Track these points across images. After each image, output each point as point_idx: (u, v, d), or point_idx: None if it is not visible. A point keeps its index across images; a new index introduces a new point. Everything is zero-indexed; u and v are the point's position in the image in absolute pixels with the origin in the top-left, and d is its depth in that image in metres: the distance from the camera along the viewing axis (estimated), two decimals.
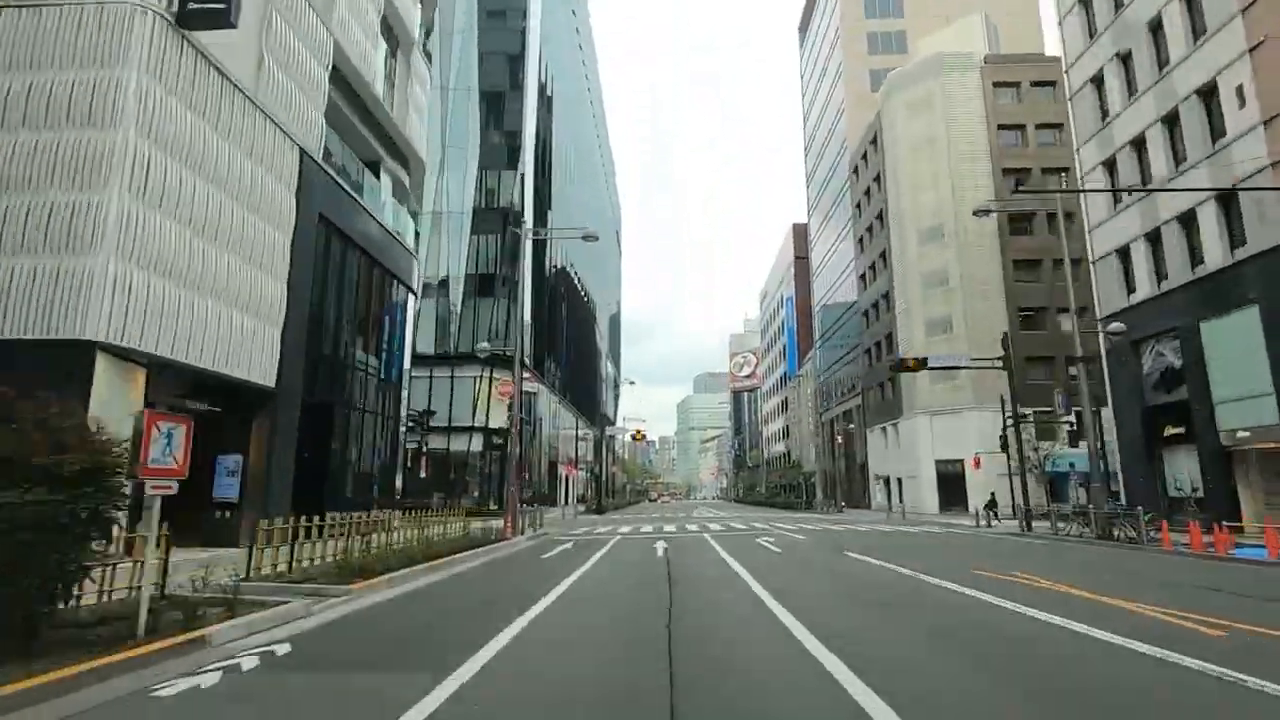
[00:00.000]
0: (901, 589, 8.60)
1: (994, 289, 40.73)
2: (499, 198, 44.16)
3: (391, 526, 12.74)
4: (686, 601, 7.69)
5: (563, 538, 19.70)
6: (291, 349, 16.10)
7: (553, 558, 13.43)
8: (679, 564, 11.75)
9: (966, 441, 39.34)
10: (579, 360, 67.29)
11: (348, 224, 19.48)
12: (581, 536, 20.23)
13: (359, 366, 20.85)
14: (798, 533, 20.69)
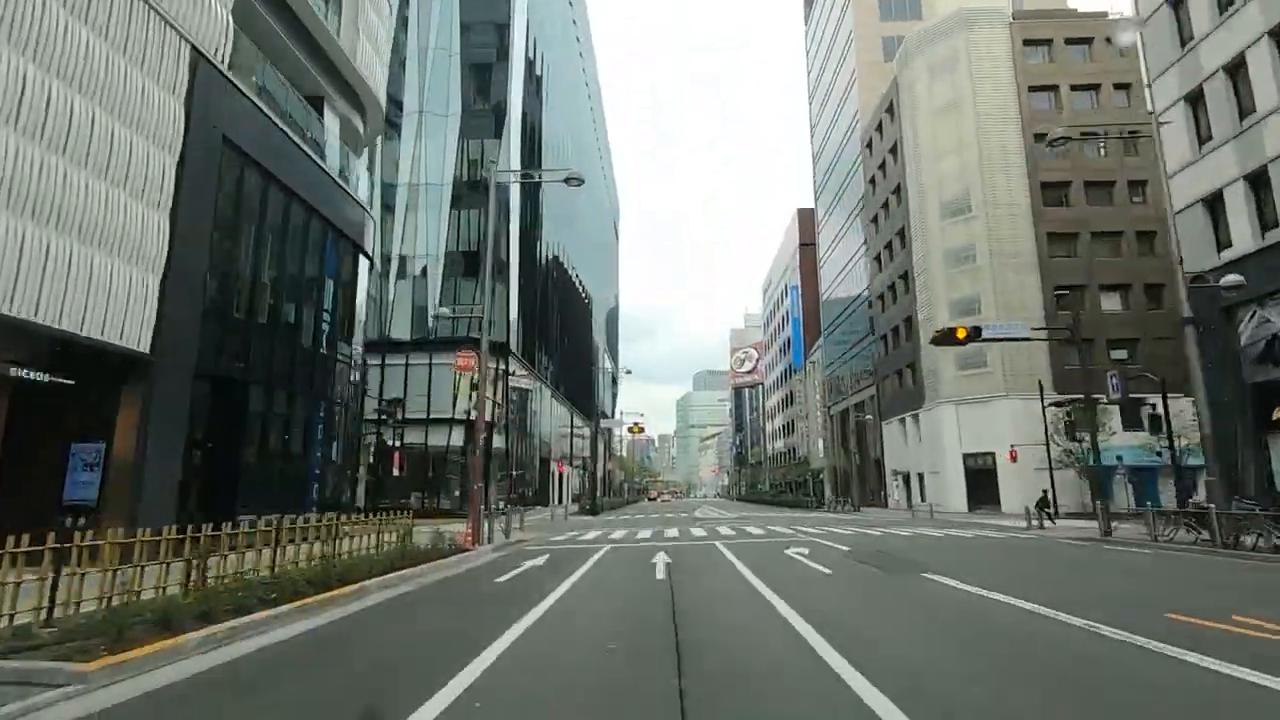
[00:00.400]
0: (1103, 667, 4.82)
1: (1027, 265, 37.00)
2: (482, 169, 40.33)
3: (283, 540, 8.99)
4: (718, 705, 3.96)
5: (539, 547, 15.96)
6: (179, 305, 12.34)
7: (507, 584, 9.66)
8: (689, 597, 7.98)
9: (997, 433, 35.67)
10: (574, 353, 63.53)
11: (274, 160, 15.70)
12: (563, 545, 16.49)
13: (291, 338, 17.07)
14: (826, 538, 16.95)
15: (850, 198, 56.48)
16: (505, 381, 39.46)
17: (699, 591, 8.36)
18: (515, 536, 19.13)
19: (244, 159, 14.62)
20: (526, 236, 46.23)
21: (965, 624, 6.30)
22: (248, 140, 14.60)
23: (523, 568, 11.49)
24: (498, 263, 39.74)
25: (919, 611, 6.75)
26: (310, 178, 17.61)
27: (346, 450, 21.66)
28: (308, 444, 17.77)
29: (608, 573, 10.71)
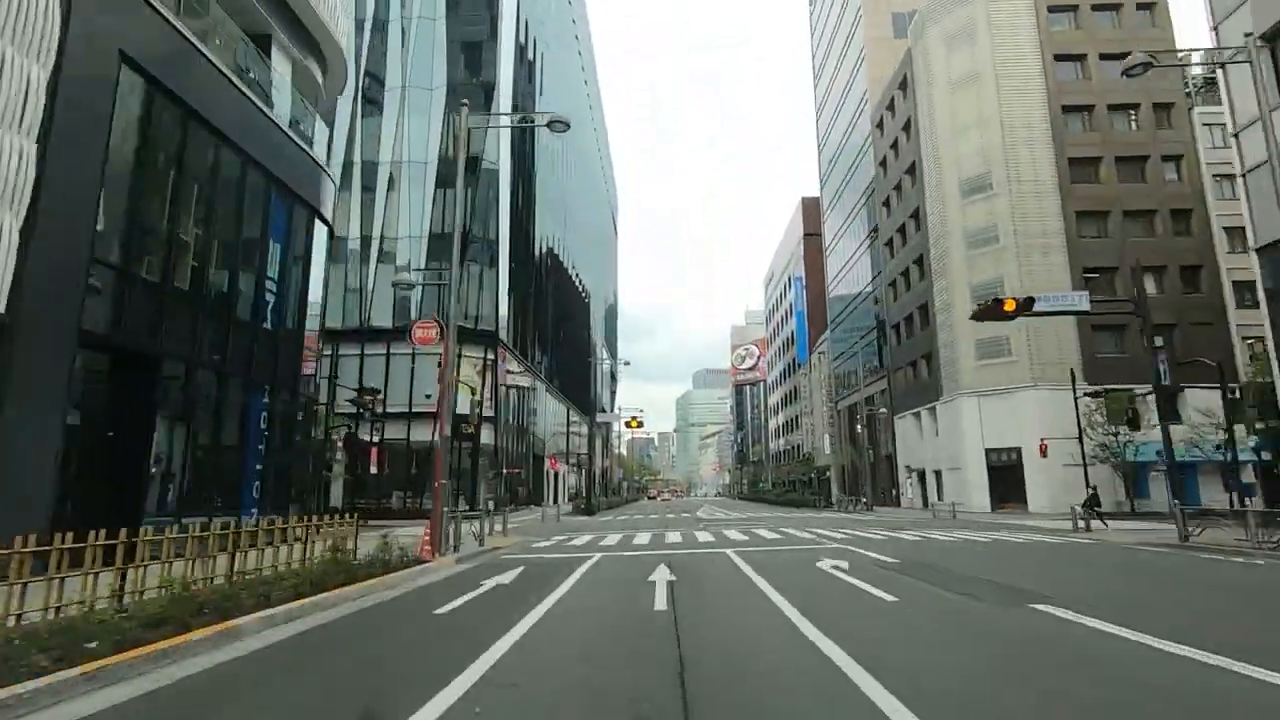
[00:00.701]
0: None
1: (1054, 245, 34.42)
2: (468, 145, 37.67)
3: (142, 557, 6.43)
4: None
5: (516, 556, 13.40)
6: (53, 256, 9.76)
7: (449, 617, 7.00)
8: (705, 645, 5.37)
9: (1023, 426, 33.11)
10: (570, 348, 60.95)
11: (199, 95, 13.11)
12: (546, 553, 13.93)
13: (223, 311, 14.48)
14: (857, 544, 14.41)
15: (859, 182, 53.91)
16: (495, 372, 36.93)
17: (718, 635, 5.79)
18: (494, 542, 16.58)
19: (154, 87, 12.02)
20: (519, 221, 43.65)
21: (1174, 705, 3.74)
22: (159, 65, 12.01)
23: (483, 588, 8.92)
24: (486, 246, 37.24)
25: (1111, 692, 4.10)
26: (251, 124, 15.02)
27: (304, 445, 19.08)
28: (246, 435, 15.18)
29: (590, 597, 8.14)
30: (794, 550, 13.15)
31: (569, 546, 15.54)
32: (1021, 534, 18.50)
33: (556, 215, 58.65)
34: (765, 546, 13.92)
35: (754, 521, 26.28)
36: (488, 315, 36.93)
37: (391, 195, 36.82)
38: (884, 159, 47.45)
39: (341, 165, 37.28)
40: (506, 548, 15.59)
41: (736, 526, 21.54)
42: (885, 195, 47.12)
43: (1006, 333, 34.24)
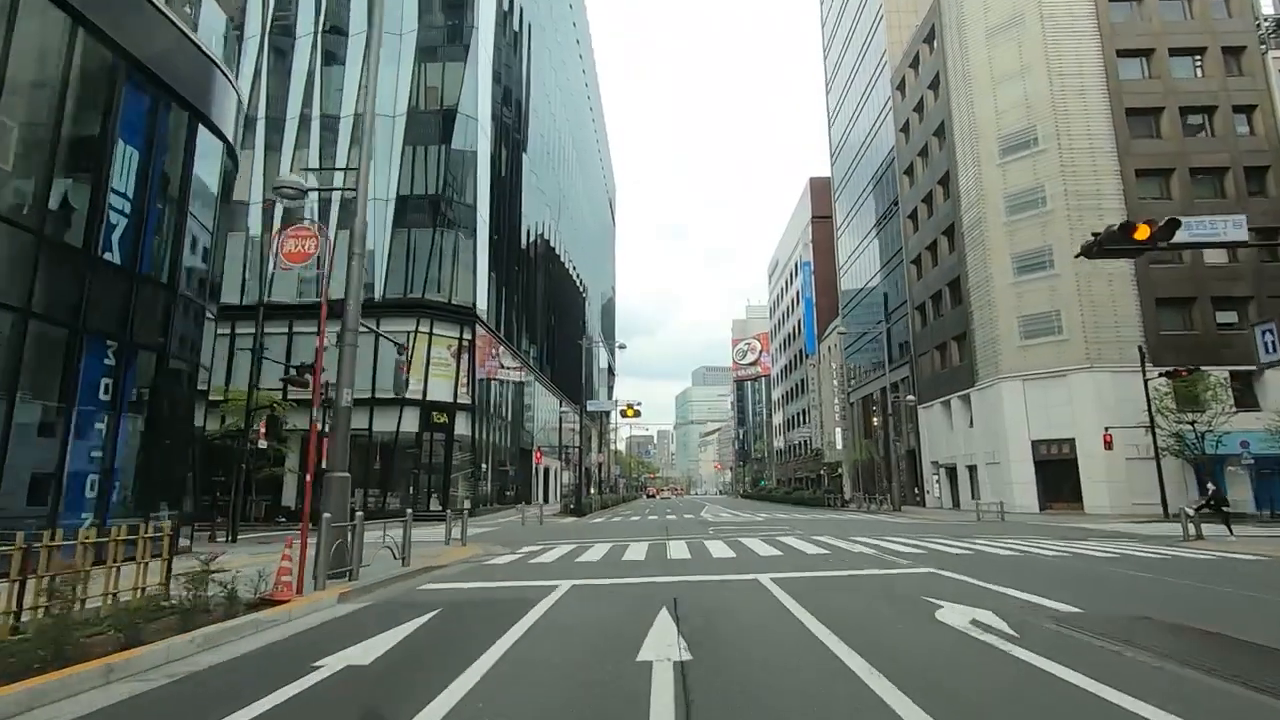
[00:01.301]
0: None
1: (1111, 209, 29.99)
2: (442, 97, 33.33)
3: None
4: None
5: (437, 590, 8.96)
6: None
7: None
8: None
9: (1078, 414, 28.82)
10: (564, 340, 56.47)
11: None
12: (489, 582, 9.46)
13: (33, 231, 10.06)
14: (944, 564, 10.04)
15: (875, 155, 49.53)
16: (472, 355, 32.57)
17: None
18: (438, 556, 12.22)
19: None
20: (502, 189, 39.25)
21: None
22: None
23: (299, 684, 4.48)
24: (462, 211, 32.83)
25: None
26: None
27: (184, 429, 14.71)
28: (75, 413, 10.77)
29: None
30: (863, 578, 8.75)
31: (533, 566, 11.17)
32: (1116, 543, 14.13)
33: (551, 200, 54.32)
34: (814, 570, 9.51)
35: (773, 525, 21.87)
36: (464, 290, 32.54)
37: (354, 152, 32.37)
38: (905, 123, 43.05)
39: (298, 120, 32.92)
40: (445, 567, 11.23)
41: (757, 534, 17.11)
42: (907, 163, 42.73)
43: (1056, 307, 29.93)
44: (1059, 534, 17.30)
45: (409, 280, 31.28)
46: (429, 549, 14.77)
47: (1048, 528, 20.24)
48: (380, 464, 30.27)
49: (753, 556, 11.53)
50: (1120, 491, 27.56)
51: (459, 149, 32.80)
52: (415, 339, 30.47)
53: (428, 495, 30.63)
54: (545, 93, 52.16)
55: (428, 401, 30.32)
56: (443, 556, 12.66)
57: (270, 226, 31.72)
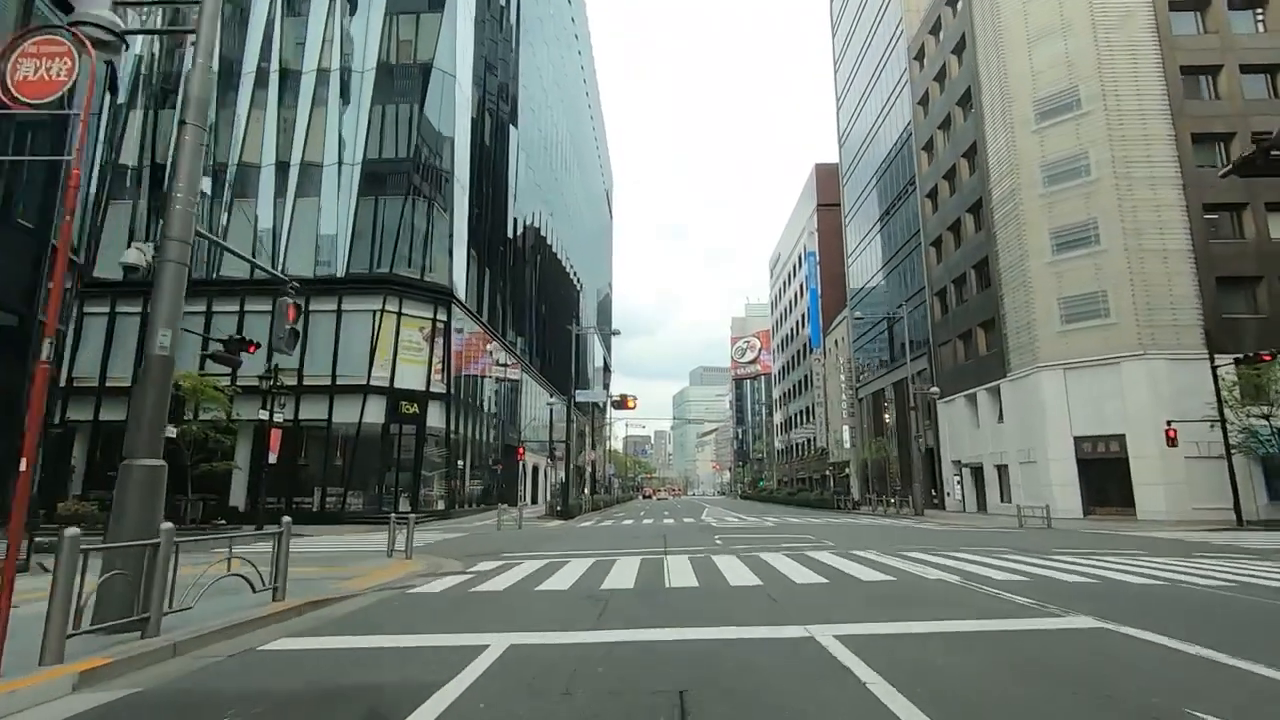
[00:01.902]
0: None
1: (1164, 178, 26.80)
2: (416, 50, 29.92)
3: None
4: None
5: (286, 648, 5.51)
6: None
7: None
8: None
9: (1130, 407, 25.55)
10: (556, 331, 52.98)
11: None
12: (365, 646, 5.93)
13: None
14: (1135, 619, 6.68)
15: (887, 135, 46.25)
16: (448, 338, 29.18)
17: None
18: (330, 588, 8.83)
19: None
20: (484, 155, 35.86)
21: None
22: None
23: None
24: (436, 176, 29.43)
25: None
26: None
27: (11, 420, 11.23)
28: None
29: None
30: (994, 640, 5.31)
31: (471, 600, 7.80)
32: (1239, 561, 10.74)
33: (544, 186, 50.95)
34: (898, 619, 5.97)
35: (790, 533, 18.47)
36: (439, 267, 29.15)
37: (317, 113, 28.96)
38: (924, 95, 39.77)
39: (254, 74, 29.47)
40: (345, 600, 7.84)
41: (778, 546, 13.67)
42: (926, 138, 39.45)
43: (1103, 287, 26.66)
44: (1142, 547, 13.97)
45: (376, 254, 27.87)
46: (356, 565, 11.42)
47: (1118, 538, 16.92)
48: (342, 459, 26.85)
49: (787, 586, 8.16)
50: (1179, 495, 24.29)
51: (435, 109, 29.39)
52: (382, 319, 27.11)
53: (396, 495, 27.22)
54: (538, 69, 48.78)
55: (396, 389, 26.93)
56: (357, 580, 9.28)
57: (223, 195, 28.32)
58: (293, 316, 7.81)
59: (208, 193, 28.10)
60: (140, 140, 29.17)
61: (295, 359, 26.45)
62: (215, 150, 28.75)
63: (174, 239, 6.24)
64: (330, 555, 13.37)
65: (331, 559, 12.52)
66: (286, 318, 7.70)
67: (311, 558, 12.85)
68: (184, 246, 6.30)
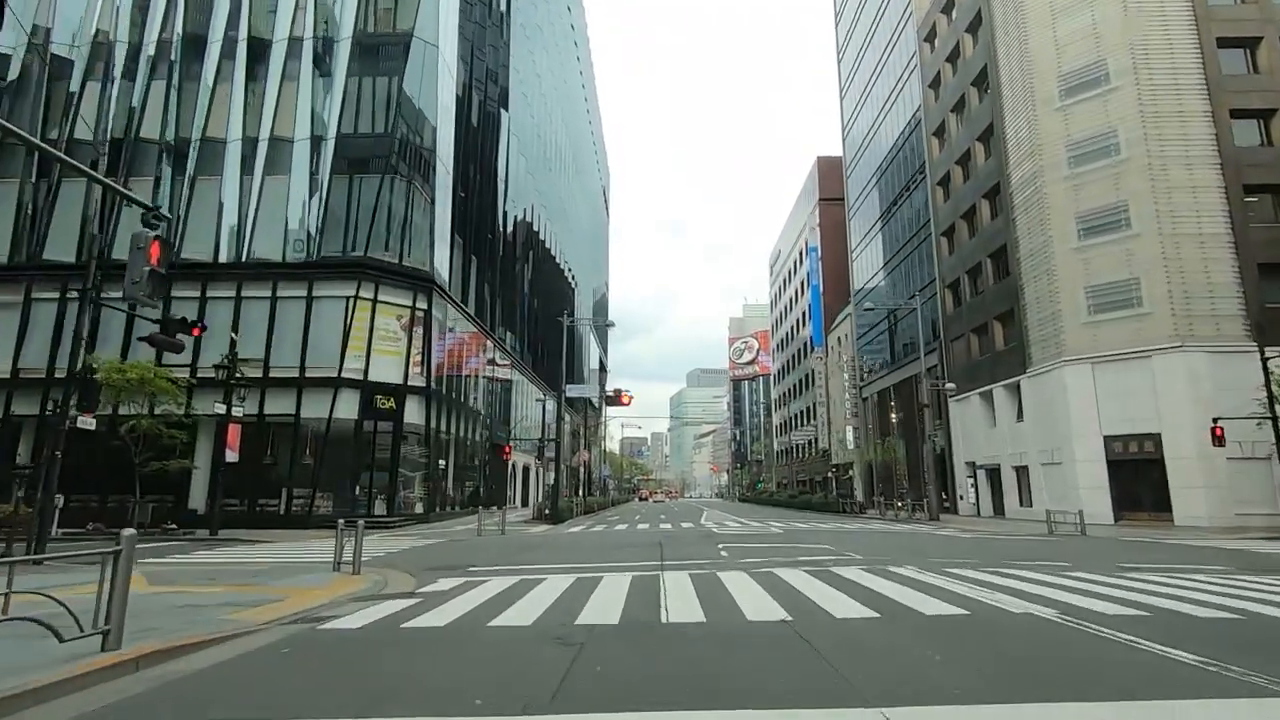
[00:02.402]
0: None
1: (1201, 158, 24.88)
2: (396, 18, 27.88)
3: None
4: None
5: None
6: None
7: None
8: None
9: (1166, 404, 23.61)
10: (549, 327, 50.94)
11: None
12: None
13: None
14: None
15: (897, 121, 44.33)
16: (428, 327, 27.13)
17: None
18: (192, 630, 6.75)
19: None
20: (471, 140, 33.84)
21: None
22: None
23: None
24: (416, 155, 27.39)
25: None
26: None
27: None
28: None
29: None
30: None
31: (394, 641, 5.74)
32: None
33: (538, 176, 48.93)
34: (1060, 705, 4.01)
35: (802, 541, 16.43)
36: (419, 251, 27.09)
37: (287, 86, 26.87)
38: (936, 77, 37.86)
39: (221, 44, 27.38)
40: (224, 641, 5.74)
41: (796, 562, 11.56)
42: (937, 123, 37.54)
43: (1134, 274, 24.72)
44: (1214, 560, 11.95)
45: (351, 236, 25.80)
46: (287, 582, 9.37)
47: (1176, 549, 14.91)
48: (311, 458, 24.73)
49: (826, 623, 6.10)
50: (1222, 499, 22.33)
51: (415, 82, 27.34)
52: (355, 306, 25.02)
53: (370, 497, 25.14)
54: (530, 53, 46.73)
55: (371, 382, 24.85)
56: (267, 608, 7.20)
57: (182, 171, 26.22)
58: (156, 255, 5.77)
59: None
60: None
61: (260, 348, 24.46)
62: (178, 125, 26.70)
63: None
64: (263, 569, 11.30)
65: (260, 574, 10.45)
66: (149, 257, 5.65)
67: (236, 571, 10.78)
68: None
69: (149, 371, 20.57)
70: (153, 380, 20.41)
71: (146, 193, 26.05)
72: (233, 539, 19.49)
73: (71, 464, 23.92)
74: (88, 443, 22.42)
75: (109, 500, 23.32)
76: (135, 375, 20.04)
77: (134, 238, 5.95)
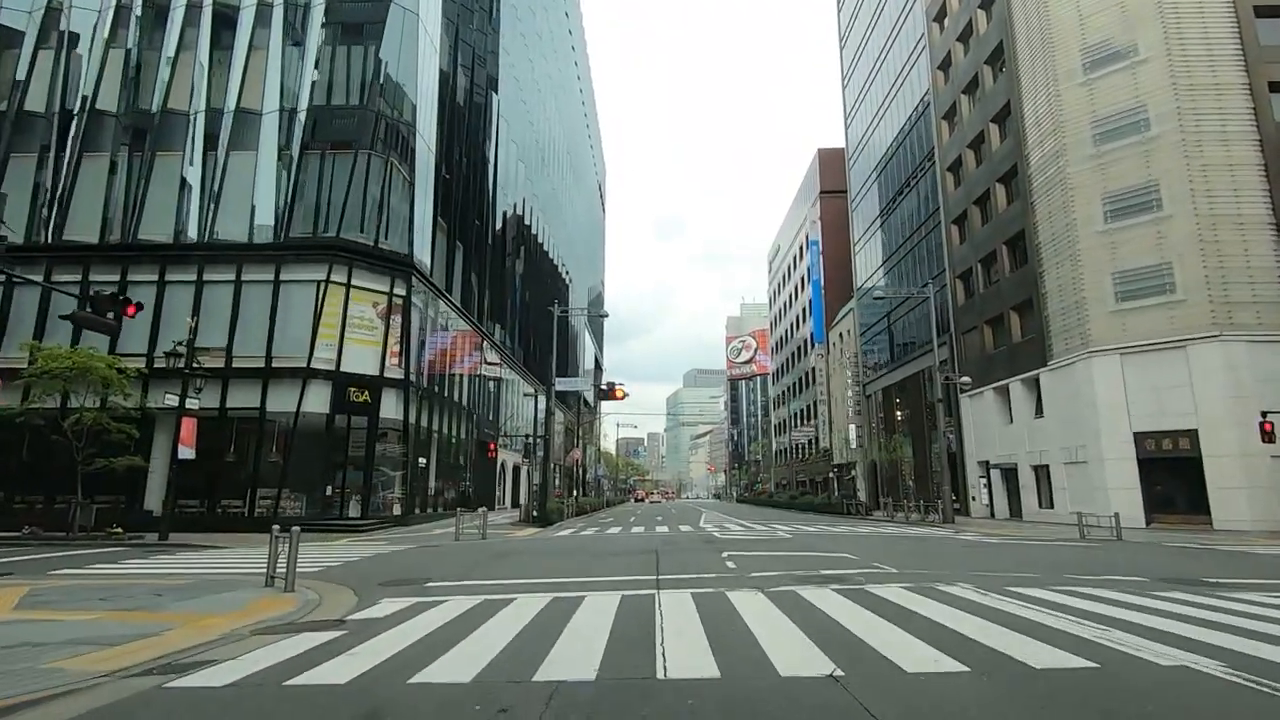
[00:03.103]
0: None
1: (1239, 134, 23.15)
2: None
3: None
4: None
5: None
6: None
7: None
8: None
9: (1203, 397, 21.88)
10: (542, 322, 49.09)
11: None
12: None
13: None
14: None
15: (903, 106, 42.58)
16: (406, 315, 25.23)
17: None
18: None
19: None
20: (457, 118, 31.97)
21: None
22: None
23: None
24: (394, 130, 25.51)
25: None
26: None
27: None
28: None
29: None
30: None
31: (269, 711, 3.82)
32: None
33: (531, 166, 47.11)
34: None
35: (816, 549, 14.57)
36: (397, 233, 25.20)
37: (255, 56, 24.94)
38: (946, 58, 36.10)
39: (184, 8, 25.44)
40: (38, 702, 3.84)
41: (829, 584, 9.66)
42: (948, 106, 35.78)
43: (1166, 258, 22.97)
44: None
45: (323, 216, 23.88)
46: (197, 603, 7.49)
47: (1237, 557, 13.10)
48: (279, 456, 22.79)
49: (895, 683, 4.26)
50: (1266, 500, 20.59)
51: (394, 51, 25.45)
52: (327, 291, 23.10)
53: (343, 498, 23.23)
54: (522, 35, 44.84)
55: (344, 374, 22.93)
56: (119, 655, 5.30)
57: (142, 147, 24.27)
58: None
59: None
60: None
61: (223, 336, 22.52)
62: (136, 97, 24.75)
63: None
64: (181, 585, 9.40)
65: (169, 592, 8.56)
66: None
67: (144, 588, 8.89)
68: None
69: (91, 359, 18.63)
70: (95, 369, 18.46)
71: (102, 170, 24.17)
72: (183, 544, 17.56)
73: (18, 462, 22.16)
74: (37, 439, 20.55)
75: (57, 501, 21.35)
76: (73, 363, 18.09)
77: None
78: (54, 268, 22.98)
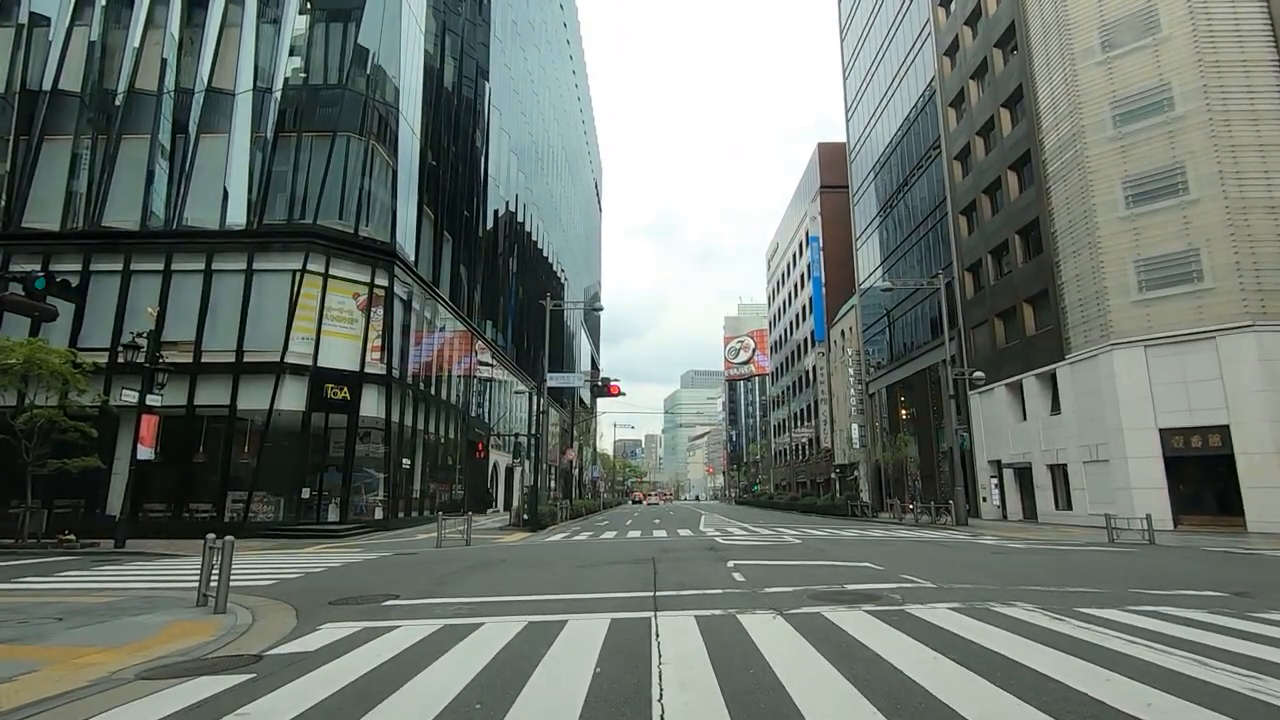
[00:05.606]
0: None
1: (1267, 112, 21.90)
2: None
3: None
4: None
5: None
6: None
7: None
8: None
9: (1234, 391, 20.60)
10: (537, 319, 47.71)
11: None
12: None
13: None
14: None
15: (908, 94, 41.33)
16: (388, 307, 23.83)
17: None
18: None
19: None
20: (444, 102, 30.59)
21: None
22: None
23: None
24: (376, 109, 24.09)
25: None
26: None
27: None
28: None
29: None
30: None
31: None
32: None
33: (524, 157, 45.70)
34: None
35: (849, 566, 13.22)
36: (379, 221, 23.81)
37: (228, 33, 23.54)
38: (952, 43, 34.86)
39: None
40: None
41: (861, 605, 8.23)
42: (955, 92, 34.51)
43: (1194, 245, 21.69)
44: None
45: (299, 201, 22.48)
46: (94, 631, 6.06)
47: None
48: (251, 456, 21.36)
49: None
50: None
51: (375, 27, 24.07)
52: (302, 281, 21.68)
53: (320, 501, 21.81)
54: (513, 21, 43.49)
55: (321, 369, 21.51)
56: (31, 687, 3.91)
57: (107, 130, 22.84)
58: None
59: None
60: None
61: (191, 329, 21.10)
62: (101, 76, 23.33)
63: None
64: (101, 603, 8.01)
65: (79, 614, 7.17)
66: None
67: (52, 608, 7.50)
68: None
69: (45, 352, 17.22)
70: (48, 363, 17.05)
71: (65, 152, 22.75)
72: (140, 553, 16.18)
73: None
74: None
75: (11, 506, 19.89)
76: (25, 356, 16.68)
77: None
78: (12, 256, 21.54)
